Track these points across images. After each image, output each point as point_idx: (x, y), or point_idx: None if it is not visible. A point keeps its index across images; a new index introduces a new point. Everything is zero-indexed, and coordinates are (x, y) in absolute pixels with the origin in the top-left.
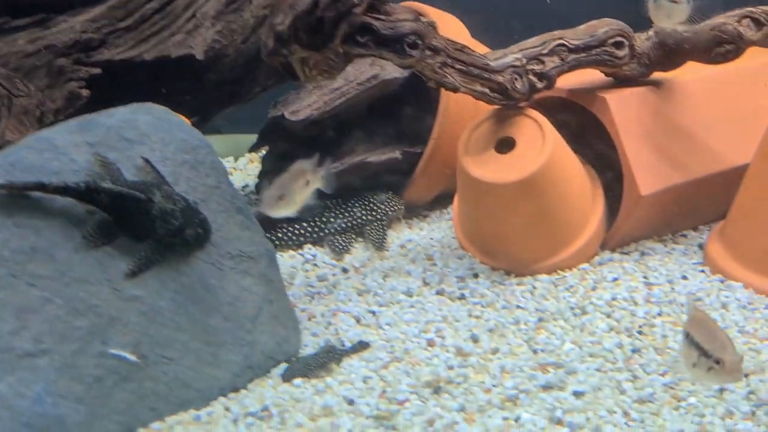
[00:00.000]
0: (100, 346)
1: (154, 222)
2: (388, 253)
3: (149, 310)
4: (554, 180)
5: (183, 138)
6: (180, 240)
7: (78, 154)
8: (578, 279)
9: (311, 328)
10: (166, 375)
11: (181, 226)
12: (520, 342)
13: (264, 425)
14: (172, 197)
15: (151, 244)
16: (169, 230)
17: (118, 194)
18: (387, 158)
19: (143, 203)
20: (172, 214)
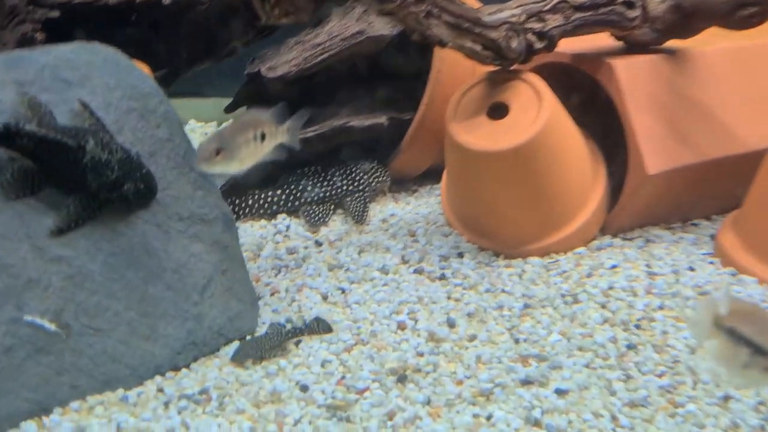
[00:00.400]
0: (13, 311)
1: (85, 173)
2: (368, 227)
3: (76, 274)
4: (550, 151)
5: (132, 83)
6: (118, 196)
7: (3, 92)
8: (573, 264)
9: (272, 304)
10: (91, 348)
11: (118, 179)
12: (502, 330)
13: (199, 410)
14: (109, 146)
15: (81, 198)
16: (104, 183)
17: (44, 139)
18: (371, 123)
19: (73, 151)
20: (107, 165)
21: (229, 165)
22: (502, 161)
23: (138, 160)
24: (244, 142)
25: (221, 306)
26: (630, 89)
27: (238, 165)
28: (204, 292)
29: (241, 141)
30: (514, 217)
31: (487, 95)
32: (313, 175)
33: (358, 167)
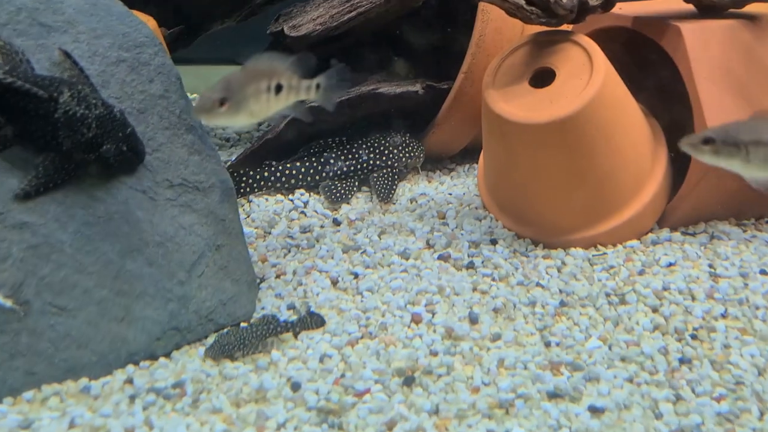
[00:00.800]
0: None
1: (57, 129)
2: (393, 206)
3: (42, 243)
4: (601, 126)
5: (123, 32)
6: (96, 157)
7: None
8: (622, 259)
9: (276, 288)
10: (53, 329)
11: (96, 138)
12: (531, 330)
13: (168, 406)
14: (87, 101)
15: (53, 158)
16: (79, 142)
17: (10, 88)
18: (403, 91)
19: (44, 103)
20: (82, 121)
21: (233, 118)
22: (545, 135)
23: (122, 118)
24: (254, 92)
25: (212, 287)
26: (699, 57)
27: (245, 119)
28: (192, 270)
29: (251, 91)
30: (557, 201)
31: (532, 59)
32: (337, 147)
33: (388, 140)
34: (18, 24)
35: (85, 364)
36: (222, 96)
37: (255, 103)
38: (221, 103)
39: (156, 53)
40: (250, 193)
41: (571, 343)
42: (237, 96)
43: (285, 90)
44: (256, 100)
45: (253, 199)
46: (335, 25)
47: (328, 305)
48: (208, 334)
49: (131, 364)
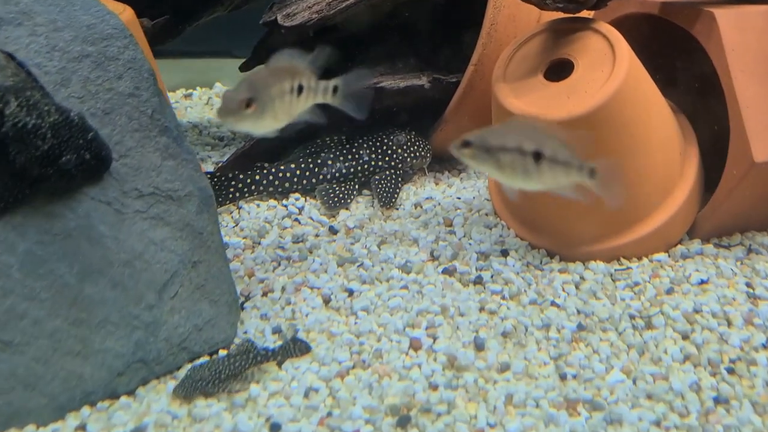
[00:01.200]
0: None
1: (6, 144)
2: (396, 212)
3: None
4: (626, 123)
5: (88, 23)
6: (54, 171)
7: None
8: (648, 274)
9: (262, 307)
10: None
11: (53, 149)
12: (545, 358)
13: None
14: (39, 108)
15: (2, 178)
16: (33, 156)
17: None
18: (408, 85)
19: None
20: (35, 132)
21: (260, 122)
22: None
23: (81, 123)
24: (279, 93)
25: (187, 310)
26: (734, 47)
27: (271, 123)
28: (163, 292)
29: (276, 92)
30: (576, 207)
31: (547, 50)
32: (335, 147)
33: (392, 139)
34: None
35: (32, 409)
36: (248, 96)
37: (280, 106)
38: (248, 104)
39: (125, 46)
40: (240, 199)
41: (589, 376)
42: (263, 96)
43: (305, 92)
44: (281, 101)
45: (243, 205)
46: (332, 13)
47: (317, 328)
48: (181, 365)
49: (87, 405)
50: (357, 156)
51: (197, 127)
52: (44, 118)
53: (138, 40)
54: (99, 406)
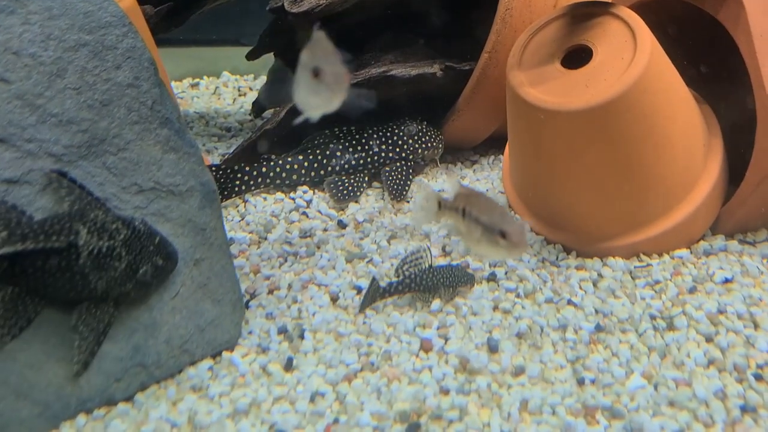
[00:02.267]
0: None
1: (86, 275)
2: (407, 205)
3: None
4: (647, 114)
5: (85, 10)
6: (134, 285)
7: None
8: (669, 272)
9: (267, 306)
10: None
11: (129, 266)
12: (561, 361)
13: None
14: (107, 228)
15: (88, 308)
16: (113, 279)
17: (21, 254)
18: (419, 73)
19: (63, 253)
20: (111, 253)
21: (332, 96)
22: (580, 124)
23: (147, 230)
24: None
25: (189, 310)
26: (764, 33)
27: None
28: (164, 292)
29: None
30: (593, 201)
31: (564, 36)
32: (344, 138)
33: (402, 129)
34: None
35: (24, 419)
36: (315, 64)
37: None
38: (316, 74)
39: (124, 35)
40: (246, 192)
41: (609, 381)
42: (329, 66)
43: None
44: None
45: (249, 198)
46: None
47: (324, 328)
48: (183, 368)
49: (83, 413)
50: (367, 147)
51: (204, 118)
52: (115, 237)
53: (139, 28)
54: (95, 414)
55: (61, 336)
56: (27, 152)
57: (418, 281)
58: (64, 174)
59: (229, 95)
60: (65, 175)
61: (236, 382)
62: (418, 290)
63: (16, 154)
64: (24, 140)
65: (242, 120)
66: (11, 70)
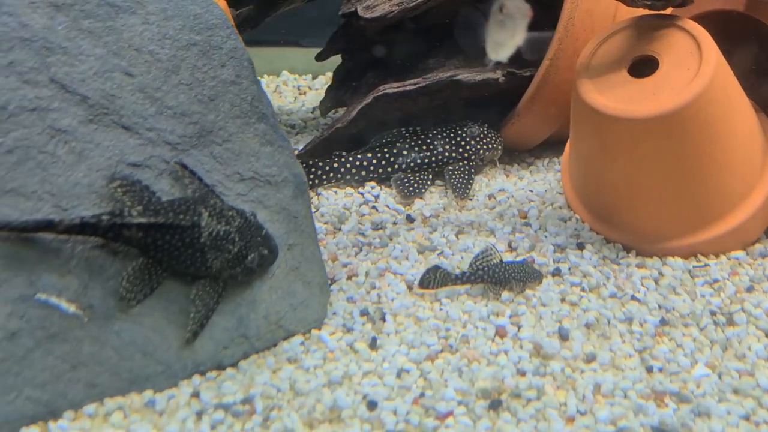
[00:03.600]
0: (24, 287)
1: (205, 254)
2: (470, 202)
3: None
4: (710, 122)
5: (195, 12)
6: (241, 270)
7: (33, 17)
8: (727, 272)
9: (348, 290)
10: (118, 337)
11: (240, 251)
12: (629, 351)
13: (236, 426)
14: (225, 214)
15: (204, 285)
16: (226, 260)
17: (154, 226)
18: (483, 79)
19: (188, 231)
20: (226, 237)
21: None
22: (646, 131)
23: (255, 222)
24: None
25: (283, 290)
26: None
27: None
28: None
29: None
30: (655, 203)
31: (631, 46)
32: (410, 138)
33: (465, 131)
34: (85, 4)
35: (150, 375)
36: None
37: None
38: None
39: (228, 36)
40: (319, 186)
41: (675, 369)
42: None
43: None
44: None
45: (322, 191)
46: (413, 5)
47: (404, 312)
48: (277, 342)
49: (197, 374)
50: (431, 147)
51: None
52: (231, 223)
53: None
54: (208, 375)
55: (179, 305)
56: (148, 140)
57: (491, 273)
58: (185, 166)
59: (289, 93)
60: (186, 166)
61: (327, 356)
62: (490, 282)
63: (139, 141)
64: (145, 129)
65: (305, 118)
66: (134, 65)
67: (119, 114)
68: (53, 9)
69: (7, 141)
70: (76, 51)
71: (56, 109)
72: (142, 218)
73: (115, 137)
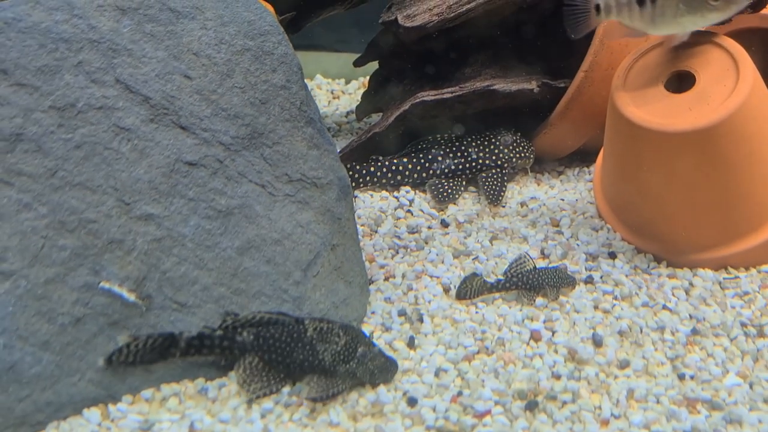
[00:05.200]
0: (88, 275)
1: (314, 346)
2: (503, 209)
3: (165, 237)
4: (746, 138)
5: (249, 19)
6: (357, 364)
7: (101, 19)
8: (757, 285)
9: (385, 291)
10: (173, 325)
11: (348, 345)
12: (662, 358)
13: (285, 415)
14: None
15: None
16: (336, 352)
17: (261, 321)
18: (519, 89)
19: (293, 326)
20: (330, 331)
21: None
22: (682, 145)
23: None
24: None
25: (326, 288)
26: None
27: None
28: (308, 270)
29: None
30: (687, 215)
31: (668, 61)
32: (445, 144)
33: (499, 139)
34: (148, 9)
35: (202, 364)
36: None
37: None
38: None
39: (279, 42)
40: (356, 189)
41: (706, 378)
42: None
43: None
44: None
45: (358, 194)
46: (452, 16)
47: (441, 314)
48: None
49: None
50: (466, 153)
51: None
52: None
53: None
54: None
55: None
56: (203, 140)
57: (525, 280)
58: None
59: (323, 97)
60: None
61: None
62: (525, 288)
63: (195, 141)
64: (201, 129)
65: (339, 121)
66: (192, 68)
67: (178, 114)
68: (119, 12)
69: (75, 137)
70: (139, 53)
71: (121, 108)
72: (255, 315)
73: (174, 136)
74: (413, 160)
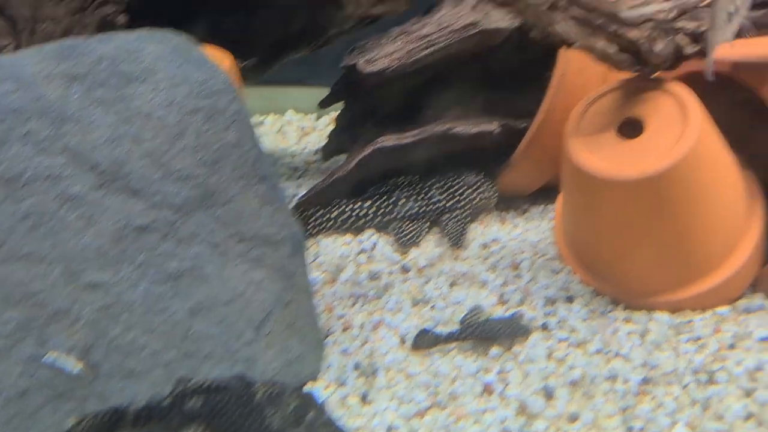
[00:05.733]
0: (34, 347)
1: (262, 410)
2: (465, 252)
3: (113, 304)
4: (695, 183)
5: (201, 79)
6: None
7: (49, 88)
8: (711, 328)
9: (342, 343)
10: (121, 393)
11: (298, 409)
12: (612, 410)
13: None
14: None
15: None
16: (285, 414)
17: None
18: (479, 131)
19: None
20: (280, 396)
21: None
22: (632, 192)
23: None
24: None
25: (279, 346)
26: None
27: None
28: (260, 329)
29: None
30: (642, 259)
31: (619, 107)
32: (407, 187)
33: (461, 180)
34: (98, 75)
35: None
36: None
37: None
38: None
39: (232, 100)
40: (318, 234)
41: (655, 430)
42: None
43: None
44: None
45: (321, 239)
46: (411, 61)
47: (396, 367)
48: None
49: None
50: (428, 196)
51: (270, 157)
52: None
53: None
54: None
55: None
56: (154, 203)
57: (479, 331)
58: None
59: (293, 134)
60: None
61: None
62: (479, 338)
63: (145, 205)
64: (152, 192)
65: (308, 160)
66: (143, 131)
67: (127, 179)
68: (69, 80)
69: (22, 207)
70: (88, 120)
71: (68, 176)
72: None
73: (123, 201)
74: (376, 204)
